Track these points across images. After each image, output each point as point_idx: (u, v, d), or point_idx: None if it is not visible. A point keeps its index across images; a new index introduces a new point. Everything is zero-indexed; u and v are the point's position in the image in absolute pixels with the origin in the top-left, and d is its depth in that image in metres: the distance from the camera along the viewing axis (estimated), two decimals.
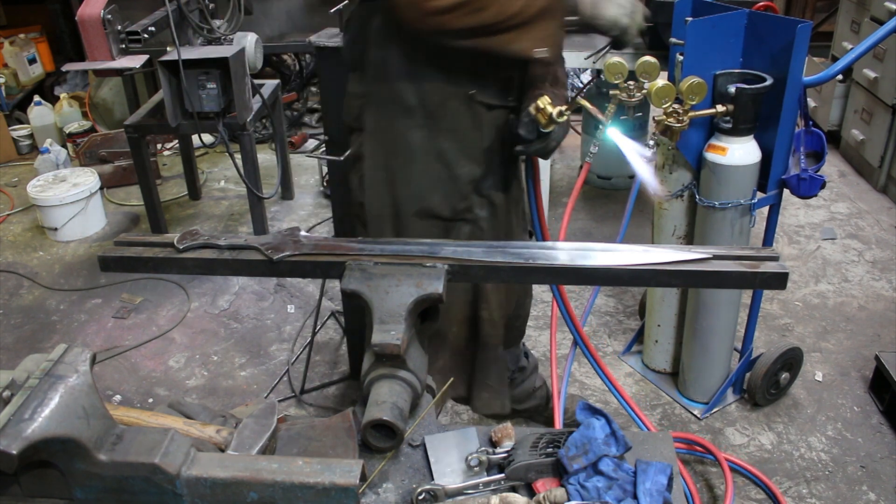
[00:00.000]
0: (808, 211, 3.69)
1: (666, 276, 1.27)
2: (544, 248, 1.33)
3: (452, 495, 1.09)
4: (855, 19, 3.95)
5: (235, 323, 3.01)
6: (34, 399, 0.97)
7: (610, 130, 1.72)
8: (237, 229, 3.72)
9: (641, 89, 2.08)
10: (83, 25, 2.70)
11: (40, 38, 5.20)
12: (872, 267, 3.23)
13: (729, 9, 2.05)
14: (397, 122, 1.68)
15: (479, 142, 1.71)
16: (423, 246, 1.35)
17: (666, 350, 2.58)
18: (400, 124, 1.68)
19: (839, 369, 2.64)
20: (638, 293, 2.99)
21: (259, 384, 2.67)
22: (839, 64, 2.06)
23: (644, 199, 2.20)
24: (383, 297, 1.21)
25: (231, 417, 1.22)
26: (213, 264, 1.36)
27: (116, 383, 2.69)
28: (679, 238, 2.36)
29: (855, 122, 4.01)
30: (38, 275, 3.38)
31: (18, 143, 4.66)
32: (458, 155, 1.70)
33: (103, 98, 4.70)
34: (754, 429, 2.39)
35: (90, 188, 3.64)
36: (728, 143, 2.08)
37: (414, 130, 1.67)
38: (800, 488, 2.17)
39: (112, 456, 0.99)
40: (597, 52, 2.08)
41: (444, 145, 1.69)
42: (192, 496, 1.00)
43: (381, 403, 1.12)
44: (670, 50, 2.17)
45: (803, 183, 2.12)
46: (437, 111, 1.66)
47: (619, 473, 1.07)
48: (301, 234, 1.40)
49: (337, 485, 0.98)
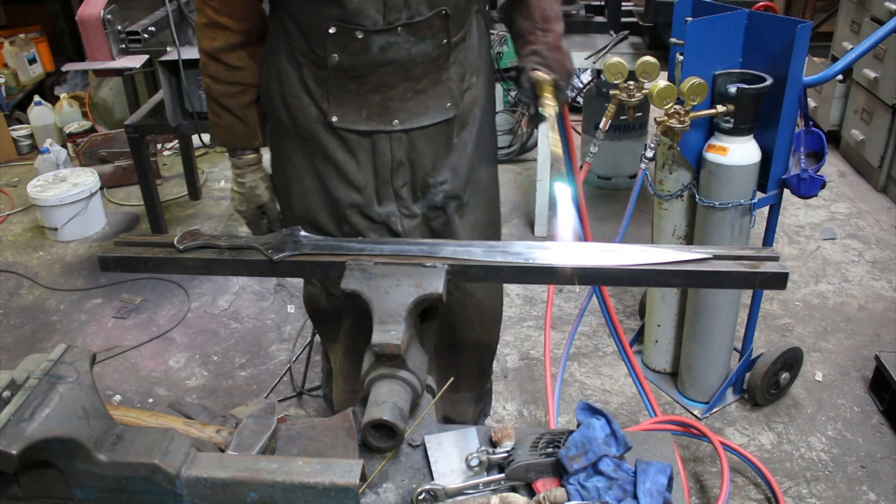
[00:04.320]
0: (808, 211, 3.69)
1: (666, 276, 1.28)
2: (544, 248, 1.33)
3: (452, 495, 1.09)
4: (855, 19, 3.95)
5: (235, 323, 3.01)
6: (34, 399, 0.97)
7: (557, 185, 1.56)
8: (237, 229, 3.72)
9: (641, 89, 2.08)
10: (83, 25, 2.70)
11: (40, 38, 5.20)
12: (872, 267, 3.24)
13: (729, 9, 2.05)
14: (280, 140, 1.63)
15: (356, 167, 1.57)
16: (423, 246, 1.35)
17: (666, 350, 2.58)
18: (282, 142, 1.62)
19: (839, 369, 2.64)
20: (638, 293, 2.99)
21: (259, 384, 2.67)
22: (839, 64, 2.06)
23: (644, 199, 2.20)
24: (383, 297, 1.21)
25: (231, 417, 1.23)
26: (213, 264, 1.36)
27: (116, 383, 2.69)
28: (679, 238, 2.36)
29: (855, 122, 4.01)
30: (38, 275, 3.38)
31: (18, 143, 4.66)
32: (334, 178, 1.58)
33: (103, 98, 4.70)
34: (754, 429, 2.39)
35: (90, 188, 3.64)
36: (728, 143, 2.08)
37: (293, 150, 1.61)
38: (800, 488, 2.17)
39: (112, 456, 0.99)
40: (597, 52, 2.08)
41: (320, 167, 1.59)
42: (192, 496, 1.01)
43: (381, 403, 1.12)
44: (670, 50, 2.17)
45: (803, 183, 2.12)
46: (305, 134, 1.57)
47: (619, 473, 1.07)
48: (301, 234, 1.41)
49: (337, 485, 0.98)
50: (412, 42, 1.44)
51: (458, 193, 1.65)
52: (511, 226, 3.66)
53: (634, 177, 2.68)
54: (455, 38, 1.51)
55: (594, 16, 3.33)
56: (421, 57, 1.47)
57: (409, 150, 1.57)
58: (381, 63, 1.45)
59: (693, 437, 2.25)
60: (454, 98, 1.56)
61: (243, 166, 1.66)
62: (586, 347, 2.79)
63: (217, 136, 1.65)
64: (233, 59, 1.53)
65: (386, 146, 1.55)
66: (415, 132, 1.55)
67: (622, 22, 3.22)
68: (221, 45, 1.52)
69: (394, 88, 1.49)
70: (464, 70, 1.58)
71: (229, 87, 1.56)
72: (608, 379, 2.63)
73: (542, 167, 3.32)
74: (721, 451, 2.01)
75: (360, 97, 1.50)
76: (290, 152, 1.62)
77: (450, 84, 1.55)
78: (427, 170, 1.60)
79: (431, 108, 1.55)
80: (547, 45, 1.57)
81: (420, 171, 1.59)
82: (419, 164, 1.59)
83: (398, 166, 1.57)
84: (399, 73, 1.48)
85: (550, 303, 2.25)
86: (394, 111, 1.52)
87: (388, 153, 1.56)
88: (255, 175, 1.67)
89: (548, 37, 1.58)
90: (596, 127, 2.17)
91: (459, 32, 1.52)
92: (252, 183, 1.67)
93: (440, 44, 1.48)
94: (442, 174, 1.62)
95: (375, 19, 1.40)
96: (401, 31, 1.42)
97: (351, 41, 1.42)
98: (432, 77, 1.52)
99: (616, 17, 3.24)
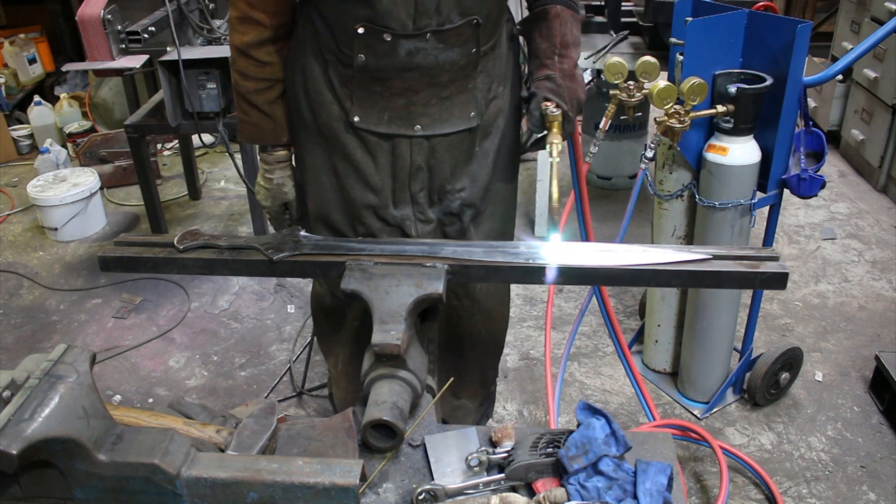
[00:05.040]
0: (808, 211, 3.69)
1: (666, 276, 1.28)
2: (544, 249, 1.33)
3: (452, 495, 1.09)
4: (855, 19, 3.95)
5: (235, 323, 3.01)
6: (34, 399, 0.97)
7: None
8: (237, 229, 3.72)
9: (641, 89, 2.08)
10: (83, 25, 2.70)
11: (40, 38, 5.20)
12: (872, 267, 3.24)
13: (729, 9, 2.05)
14: (299, 136, 1.62)
15: (374, 169, 1.56)
16: (423, 246, 1.35)
17: (666, 350, 2.58)
18: (302, 138, 1.61)
19: (839, 369, 2.64)
20: (638, 293, 2.99)
21: (259, 384, 2.67)
22: (839, 64, 2.06)
23: (644, 199, 2.20)
24: (383, 297, 1.21)
25: (231, 417, 1.23)
26: (213, 264, 1.36)
27: (116, 383, 2.69)
28: (679, 238, 2.36)
29: (855, 122, 4.00)
30: (38, 275, 3.38)
31: (18, 143, 4.66)
32: (351, 178, 1.58)
33: (103, 98, 4.70)
34: (754, 429, 2.39)
35: (90, 188, 3.63)
36: (728, 143, 2.08)
37: (312, 147, 1.60)
38: (800, 488, 2.17)
39: (112, 456, 0.99)
40: (597, 52, 2.08)
41: (339, 166, 1.59)
42: (192, 496, 1.01)
43: (381, 403, 1.12)
44: (670, 50, 2.17)
45: (803, 183, 2.12)
46: (325, 131, 1.56)
47: (619, 473, 1.07)
48: (301, 234, 1.41)
49: (337, 485, 0.98)
50: (440, 49, 1.42)
51: (475, 202, 1.64)
52: None
53: (634, 177, 2.68)
54: (484, 47, 1.49)
55: (594, 16, 3.33)
56: (448, 64, 1.45)
57: (429, 156, 1.55)
58: (407, 67, 1.43)
59: (692, 441, 2.25)
60: (479, 107, 1.54)
61: (273, 163, 1.65)
62: (586, 347, 2.79)
63: (245, 133, 1.64)
64: (262, 55, 1.52)
65: (406, 150, 1.53)
66: (436, 139, 1.53)
67: (622, 22, 3.22)
68: (252, 40, 1.50)
69: (418, 94, 1.48)
70: (491, 79, 1.56)
71: (258, 84, 1.55)
72: (608, 379, 2.63)
73: (542, 167, 3.32)
74: (720, 455, 2.01)
75: (384, 100, 1.49)
76: (309, 148, 1.61)
77: (475, 93, 1.53)
78: (446, 176, 1.58)
79: (455, 116, 1.53)
80: (563, 72, 1.55)
81: (438, 177, 1.58)
82: (438, 171, 1.57)
83: (417, 171, 1.56)
84: (424, 79, 1.46)
85: (550, 303, 2.25)
86: (416, 116, 1.50)
87: (407, 157, 1.54)
88: (283, 172, 1.66)
89: (564, 63, 1.56)
90: (596, 127, 2.17)
91: (489, 42, 1.50)
92: (280, 180, 1.67)
93: (468, 52, 1.46)
94: (461, 182, 1.60)
95: (405, 23, 1.38)
96: (430, 37, 1.40)
97: (378, 43, 1.41)
98: (458, 85, 1.50)
99: (616, 17, 3.24)
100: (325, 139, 1.57)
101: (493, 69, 1.55)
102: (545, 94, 1.51)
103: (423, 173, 1.57)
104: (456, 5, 1.39)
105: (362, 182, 1.57)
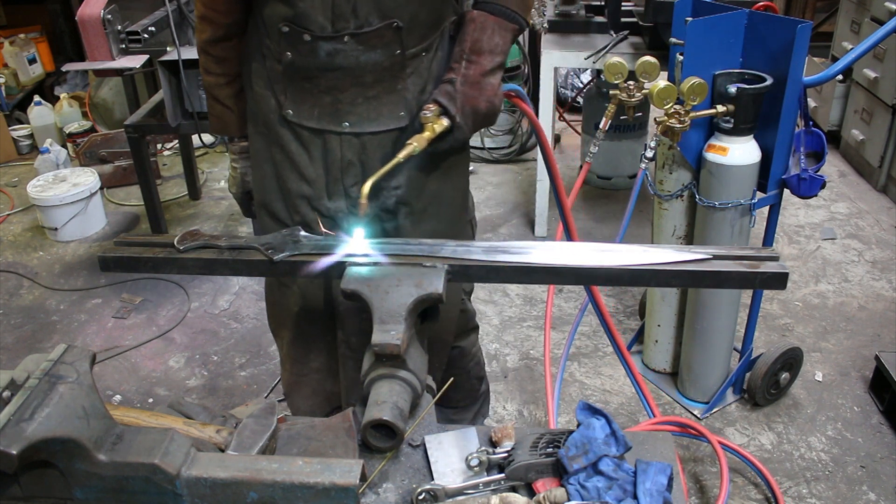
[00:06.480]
0: (808, 211, 3.69)
1: (666, 276, 1.28)
2: (544, 248, 1.33)
3: (452, 495, 1.09)
4: (855, 19, 3.95)
5: (235, 323, 3.01)
6: (34, 399, 0.97)
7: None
8: (237, 229, 3.72)
9: (641, 89, 2.08)
10: (83, 25, 2.71)
11: (40, 38, 5.20)
12: (872, 267, 3.24)
13: (729, 9, 2.05)
14: (249, 127, 1.68)
15: (308, 161, 1.59)
16: (423, 246, 1.35)
17: (666, 350, 2.58)
18: (249, 129, 1.67)
19: (839, 369, 2.64)
20: (638, 293, 2.99)
21: (259, 384, 2.67)
22: (839, 64, 2.06)
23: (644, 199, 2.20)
24: (383, 297, 1.21)
25: (231, 417, 1.22)
26: (213, 264, 1.36)
27: (116, 383, 2.69)
28: (679, 238, 2.36)
29: (855, 122, 4.01)
30: (38, 275, 3.38)
31: (18, 143, 4.67)
32: (287, 168, 1.61)
33: (103, 98, 4.70)
34: (754, 429, 2.39)
35: (90, 188, 3.64)
36: (728, 143, 2.08)
37: (256, 137, 1.65)
38: (800, 488, 2.17)
39: (112, 456, 0.99)
40: (597, 52, 2.08)
41: (277, 156, 1.62)
42: (192, 496, 1.00)
43: (381, 403, 1.12)
44: (670, 50, 2.17)
45: (803, 183, 2.12)
46: (265, 123, 1.61)
47: (619, 473, 1.07)
48: (301, 234, 1.41)
49: (337, 485, 0.98)
50: (360, 51, 1.44)
51: (410, 201, 1.63)
52: (511, 226, 3.66)
53: (634, 177, 2.68)
54: (413, 49, 1.49)
55: (594, 16, 3.33)
56: (371, 65, 1.47)
57: (359, 152, 1.57)
58: (328, 67, 1.47)
59: (692, 437, 2.25)
60: (409, 107, 1.54)
61: (237, 153, 1.75)
62: (586, 347, 2.79)
63: (212, 125, 1.73)
64: (218, 51, 1.60)
65: (336, 146, 1.56)
66: (366, 136, 1.55)
67: (622, 22, 3.22)
68: (209, 37, 1.58)
69: (343, 92, 1.50)
70: (425, 81, 1.54)
71: (217, 79, 1.63)
72: (608, 379, 2.63)
73: (542, 167, 3.33)
74: (720, 452, 2.01)
75: (313, 96, 1.52)
76: (254, 139, 1.67)
77: (405, 94, 1.53)
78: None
79: (384, 115, 1.54)
80: (465, 77, 1.48)
81: (371, 173, 1.54)
82: (371, 167, 1.57)
83: (348, 166, 1.58)
84: (348, 79, 1.48)
85: (550, 303, 2.25)
86: (344, 114, 1.53)
87: (338, 152, 1.57)
88: (245, 162, 1.74)
89: (470, 69, 1.49)
90: (596, 127, 2.17)
91: (420, 44, 1.50)
92: (243, 169, 1.76)
93: (392, 54, 1.47)
94: (395, 179, 1.59)
95: (323, 25, 1.41)
96: (348, 39, 1.43)
97: (300, 43, 1.45)
98: (385, 85, 1.51)
99: (616, 17, 3.24)
100: (266, 130, 1.62)
101: (428, 71, 1.55)
102: (435, 96, 1.48)
103: (356, 168, 1.59)
104: (374, 8, 1.41)
105: (297, 173, 1.61)
